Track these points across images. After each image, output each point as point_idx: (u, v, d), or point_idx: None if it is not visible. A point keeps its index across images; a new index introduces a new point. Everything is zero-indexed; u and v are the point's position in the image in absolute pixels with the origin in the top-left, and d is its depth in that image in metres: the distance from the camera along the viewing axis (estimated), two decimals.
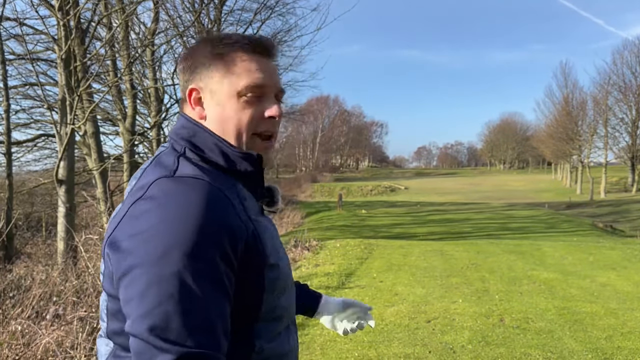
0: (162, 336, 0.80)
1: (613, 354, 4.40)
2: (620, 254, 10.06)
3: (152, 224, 0.86)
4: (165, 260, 0.83)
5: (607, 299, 6.36)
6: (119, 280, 0.88)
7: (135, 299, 0.84)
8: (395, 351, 4.47)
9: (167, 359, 0.80)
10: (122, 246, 0.87)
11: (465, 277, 7.71)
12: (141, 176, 0.98)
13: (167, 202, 0.88)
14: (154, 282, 0.82)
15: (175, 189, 0.89)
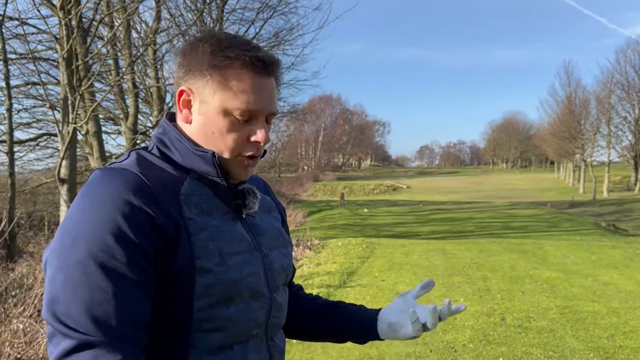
0: (64, 322, 0.80)
1: (615, 353, 4.39)
2: (622, 253, 10.03)
3: (70, 214, 0.87)
4: (73, 248, 0.83)
5: (609, 298, 6.34)
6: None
7: (46, 285, 0.85)
8: (396, 350, 4.46)
9: (69, 344, 0.80)
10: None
11: (467, 276, 7.69)
12: None
13: (86, 192, 0.88)
14: (60, 269, 0.83)
15: (99, 180, 0.89)
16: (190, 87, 0.97)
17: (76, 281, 0.82)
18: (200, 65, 0.95)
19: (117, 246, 0.83)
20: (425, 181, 65.13)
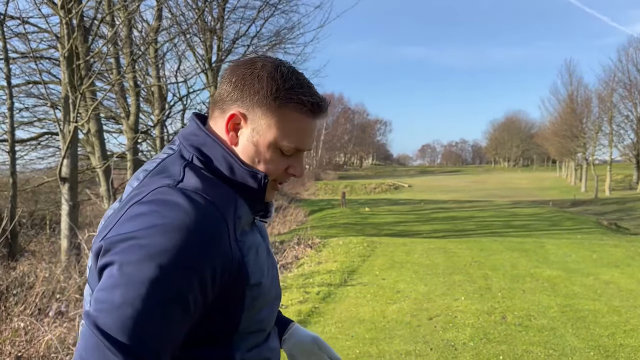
0: (112, 337, 0.79)
1: (615, 351, 4.38)
2: (624, 251, 10.01)
3: (142, 228, 0.85)
4: (142, 265, 0.82)
5: (610, 297, 6.33)
6: (99, 272, 0.88)
7: (103, 292, 0.83)
8: (396, 348, 4.46)
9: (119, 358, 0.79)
10: (113, 243, 0.87)
11: (468, 275, 7.69)
12: (144, 179, 0.98)
13: (162, 211, 0.87)
14: (123, 283, 0.82)
15: (175, 201, 0.89)
16: (245, 113, 1.00)
17: (136, 300, 0.81)
18: (260, 97, 0.97)
19: (187, 278, 0.85)
20: (426, 180, 65.09)
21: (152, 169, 0.99)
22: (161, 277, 0.82)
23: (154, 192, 0.91)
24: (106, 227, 0.92)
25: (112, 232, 0.88)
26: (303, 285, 7.12)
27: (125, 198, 0.96)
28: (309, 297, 6.36)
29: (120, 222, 0.89)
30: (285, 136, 0.99)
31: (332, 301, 6.21)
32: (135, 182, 0.99)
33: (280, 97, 0.97)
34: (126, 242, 0.85)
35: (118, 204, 0.99)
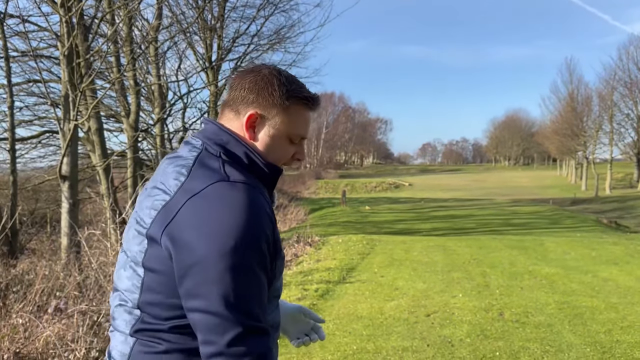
0: (233, 314, 0.98)
1: (612, 347, 4.40)
2: (623, 249, 10.03)
3: (220, 222, 1.01)
4: (235, 253, 1.00)
5: (608, 294, 6.35)
6: (189, 267, 1.01)
7: (209, 284, 0.99)
8: (393, 344, 4.48)
9: (237, 331, 0.98)
10: (186, 238, 1.02)
11: (466, 272, 7.71)
12: (190, 174, 1.10)
13: (230, 204, 1.03)
14: (226, 270, 0.99)
15: (236, 194, 1.05)
16: (261, 113, 1.18)
17: (243, 280, 1.00)
18: (273, 98, 1.17)
19: (263, 250, 1.05)
20: (427, 179, 65.10)
21: (191, 165, 1.11)
22: (250, 257, 1.02)
23: (212, 187, 1.05)
24: (165, 217, 1.05)
25: (180, 225, 1.03)
26: (302, 282, 7.15)
27: (176, 190, 1.08)
28: (307, 294, 6.38)
29: (184, 216, 1.03)
30: (296, 128, 1.20)
31: (330, 298, 6.23)
32: (182, 174, 1.10)
33: (291, 97, 1.17)
34: (209, 238, 1.00)
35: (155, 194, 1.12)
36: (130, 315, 1.12)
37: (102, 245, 7.91)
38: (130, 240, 1.13)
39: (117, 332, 1.14)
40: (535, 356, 4.17)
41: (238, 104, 1.18)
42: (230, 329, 0.98)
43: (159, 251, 1.05)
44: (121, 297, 1.14)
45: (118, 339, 1.14)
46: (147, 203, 1.11)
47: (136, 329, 1.10)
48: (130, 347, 1.10)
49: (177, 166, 1.12)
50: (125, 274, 1.14)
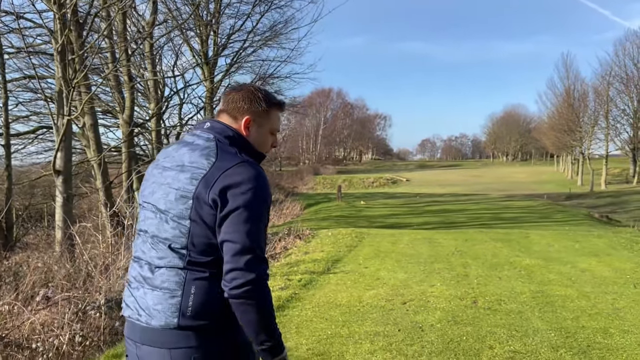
0: (250, 245, 1.49)
1: (576, 332, 4.58)
2: (606, 242, 10.21)
3: (246, 188, 1.51)
4: (255, 207, 1.52)
5: (583, 283, 6.53)
6: (227, 215, 1.50)
7: (238, 225, 1.49)
8: (366, 329, 4.67)
9: (251, 256, 1.48)
10: (224, 197, 1.50)
11: (448, 263, 7.90)
12: (218, 156, 1.59)
13: (251, 177, 1.54)
14: (249, 217, 1.50)
15: (253, 170, 1.56)
16: (252, 117, 1.73)
17: (261, 227, 1.54)
18: (259, 106, 1.74)
19: (269, 209, 1.62)
20: (425, 174, 65.24)
21: (216, 151, 1.60)
22: (266, 211, 1.57)
23: (238, 165, 1.55)
24: (207, 184, 1.53)
25: (224, 183, 1.52)
26: (287, 273, 7.33)
27: (210, 167, 1.56)
28: (291, 284, 6.56)
29: (226, 179, 1.52)
30: (273, 125, 1.78)
31: (312, 288, 6.42)
32: (210, 156, 1.59)
33: (269, 105, 1.75)
34: (249, 194, 1.51)
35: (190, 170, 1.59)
36: (180, 255, 1.55)
37: (93, 239, 8.10)
38: (172, 202, 1.57)
39: (164, 270, 1.56)
40: (501, 340, 4.36)
41: (235, 112, 1.73)
42: (246, 254, 1.47)
43: (202, 207, 1.53)
44: (169, 246, 1.57)
45: (167, 278, 1.55)
46: (184, 176, 1.58)
47: (188, 263, 1.55)
48: (184, 276, 1.54)
49: (204, 151, 1.60)
50: (168, 226, 1.58)
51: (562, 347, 4.18)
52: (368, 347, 4.20)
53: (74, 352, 4.64)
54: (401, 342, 4.33)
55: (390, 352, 4.10)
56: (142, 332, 1.57)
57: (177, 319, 1.52)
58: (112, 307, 5.39)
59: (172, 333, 1.53)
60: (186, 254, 1.54)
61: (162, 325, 1.53)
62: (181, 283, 1.54)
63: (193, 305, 1.52)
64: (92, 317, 5.11)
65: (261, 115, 1.74)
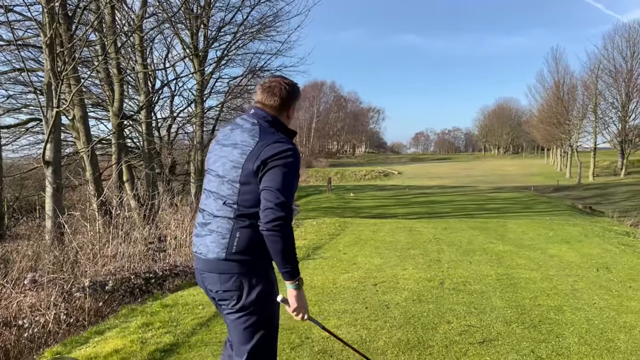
0: (283, 193, 2.02)
1: (531, 309, 4.90)
2: (580, 230, 10.57)
3: (291, 157, 2.10)
4: (290, 169, 2.08)
5: (549, 268, 6.86)
6: (269, 173, 2.07)
7: (277, 177, 2.05)
8: (336, 308, 4.97)
9: (282, 200, 2.00)
10: (268, 163, 2.07)
11: (424, 249, 8.21)
12: (261, 135, 2.18)
13: (290, 148, 2.12)
14: (285, 175, 2.06)
15: (290, 144, 2.15)
16: (293, 106, 2.36)
17: (292, 183, 2.09)
18: (295, 99, 2.36)
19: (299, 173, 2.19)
20: (417, 167, 65.63)
21: (259, 132, 2.20)
22: (295, 171, 2.10)
23: (277, 141, 2.13)
24: (253, 156, 2.12)
25: (266, 155, 2.09)
26: None
27: (255, 144, 2.16)
28: None
29: (267, 151, 2.09)
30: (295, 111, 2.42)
31: None
32: (255, 136, 2.19)
33: (299, 98, 2.40)
34: (286, 160, 2.08)
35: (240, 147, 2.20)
36: (232, 208, 2.16)
37: (84, 228, 8.37)
38: (228, 170, 2.19)
39: (219, 218, 2.20)
40: (459, 316, 4.68)
41: (274, 104, 2.30)
42: (279, 199, 2.01)
43: (250, 174, 2.11)
44: (224, 202, 2.19)
45: (221, 224, 2.19)
46: (236, 151, 2.18)
47: (236, 215, 2.15)
48: (232, 225, 2.16)
49: (250, 132, 2.20)
50: (224, 187, 2.20)
51: (514, 322, 4.50)
52: (335, 322, 4.51)
53: (60, 330, 4.92)
54: (366, 318, 4.63)
55: (354, 326, 4.40)
56: (204, 262, 2.24)
57: (224, 253, 2.16)
58: (96, 289, 5.66)
59: (222, 263, 2.17)
60: (236, 209, 2.14)
61: (215, 258, 2.18)
62: (230, 229, 2.16)
63: (237, 245, 2.14)
64: (77, 298, 5.39)
65: (296, 105, 2.41)
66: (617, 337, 4.16)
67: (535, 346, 3.92)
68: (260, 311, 2.22)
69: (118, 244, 7.44)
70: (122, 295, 5.99)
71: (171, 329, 4.43)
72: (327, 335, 4.12)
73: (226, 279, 2.19)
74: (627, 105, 45.14)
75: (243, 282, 2.18)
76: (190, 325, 4.52)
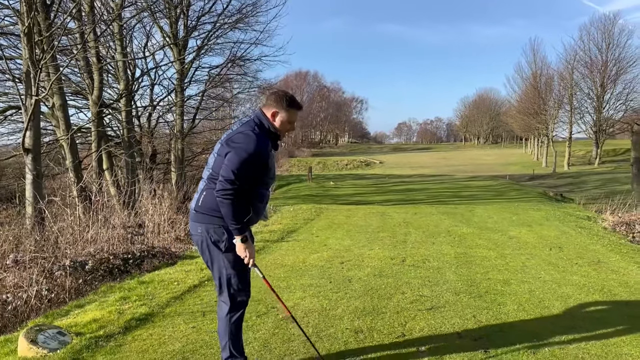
0: (233, 172, 2.68)
1: (480, 282, 5.35)
2: (543, 214, 11.11)
3: (244, 145, 2.73)
4: (245, 157, 2.71)
5: (506, 247, 7.34)
6: (228, 153, 2.75)
7: (233, 160, 2.71)
8: (302, 282, 5.36)
9: (230, 177, 2.67)
10: (231, 145, 2.76)
11: (392, 232, 8.65)
12: (241, 127, 2.86)
13: (249, 140, 2.75)
14: (239, 161, 2.70)
15: (253, 137, 2.76)
16: (276, 111, 2.92)
17: (240, 167, 2.71)
18: (280, 105, 2.92)
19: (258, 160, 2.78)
20: (398, 157, 66.30)
21: (244, 125, 2.86)
22: (247, 158, 2.71)
23: (244, 132, 2.79)
24: (229, 137, 2.83)
25: (233, 139, 2.78)
26: None
27: (235, 130, 2.86)
28: None
29: (235, 139, 2.78)
30: (290, 117, 2.93)
31: (263, 253, 7.08)
32: (238, 128, 2.87)
33: (288, 105, 2.92)
34: (238, 146, 2.74)
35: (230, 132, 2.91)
36: (209, 172, 2.88)
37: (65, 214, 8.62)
38: (218, 147, 2.86)
39: (202, 180, 2.92)
40: (413, 288, 5.10)
41: (269, 106, 2.91)
42: (228, 176, 2.66)
43: (223, 149, 2.78)
44: (207, 168, 2.90)
45: (200, 186, 2.92)
46: (226, 134, 2.90)
47: (208, 178, 2.86)
48: (204, 185, 2.88)
49: (239, 124, 2.91)
50: (213, 158, 2.89)
51: (463, 293, 4.94)
52: (300, 295, 4.90)
53: (42, 306, 5.23)
54: (329, 290, 5.03)
55: (317, 297, 4.80)
56: (190, 213, 3.00)
57: (194, 206, 2.92)
58: (77, 268, 5.97)
59: (194, 214, 2.92)
60: (210, 173, 2.86)
61: (192, 209, 2.94)
62: (202, 188, 2.90)
63: (202, 201, 2.87)
64: (58, 277, 5.69)
65: (283, 110, 2.92)
66: (553, 304, 4.61)
67: (477, 312, 4.35)
68: (219, 254, 2.90)
69: (98, 228, 7.73)
70: (101, 275, 6.30)
71: (147, 301, 4.78)
72: (290, 306, 4.51)
73: (195, 227, 2.92)
74: (601, 96, 46.23)
75: (206, 232, 2.86)
76: (165, 299, 4.87)
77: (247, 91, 23.35)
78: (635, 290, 5.13)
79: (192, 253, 7.42)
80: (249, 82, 22.03)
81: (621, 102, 46.76)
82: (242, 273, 2.98)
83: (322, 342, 3.67)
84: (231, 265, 2.91)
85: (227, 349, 3.05)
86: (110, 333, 3.92)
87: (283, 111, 2.89)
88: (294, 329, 3.92)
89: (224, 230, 2.84)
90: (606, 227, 9.56)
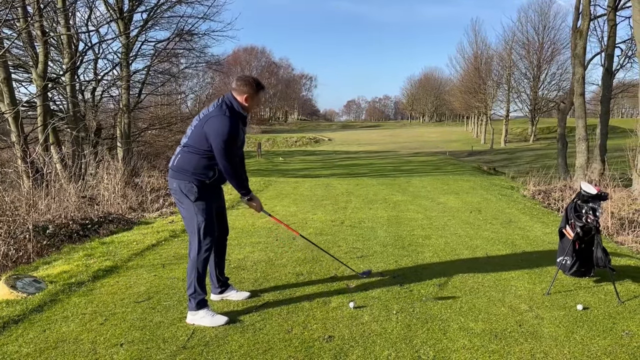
0: (220, 145, 3.39)
1: (405, 237, 6.21)
2: (471, 184, 12.24)
3: (218, 124, 3.41)
4: (222, 134, 3.40)
5: (432, 211, 8.28)
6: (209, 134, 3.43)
7: (215, 137, 3.40)
8: (252, 240, 6.05)
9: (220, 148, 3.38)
10: (208, 124, 3.43)
11: (335, 200, 9.44)
12: (214, 109, 3.47)
13: (222, 122, 3.40)
14: (217, 137, 3.40)
15: (225, 118, 3.41)
16: (248, 95, 3.55)
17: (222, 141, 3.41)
18: (251, 89, 3.55)
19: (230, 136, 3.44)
20: (347, 134, 67.52)
21: (217, 107, 3.47)
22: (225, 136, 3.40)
23: (217, 114, 3.43)
24: (206, 116, 3.48)
25: (208, 122, 3.43)
26: None
27: (210, 111, 3.50)
28: None
29: (210, 119, 3.44)
30: (258, 99, 3.63)
31: None
32: (211, 109, 3.53)
33: (258, 89, 3.57)
34: (213, 127, 3.41)
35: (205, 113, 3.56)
36: (186, 139, 3.53)
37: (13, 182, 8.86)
38: (195, 122, 3.54)
39: (180, 147, 3.57)
40: (348, 242, 5.90)
41: (238, 90, 3.49)
42: (222, 161, 3.40)
43: (200, 129, 3.44)
44: (186, 139, 3.52)
45: (177, 149, 3.61)
46: (201, 115, 3.53)
47: (184, 144, 3.54)
48: (180, 149, 3.56)
49: (212, 106, 3.51)
50: (190, 132, 3.54)
51: (389, 245, 5.78)
52: (249, 250, 5.59)
53: (8, 264, 5.66)
54: (275, 246, 5.75)
55: (265, 251, 5.50)
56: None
57: (170, 165, 3.56)
58: (38, 232, 6.39)
59: (171, 172, 3.54)
60: (186, 141, 3.48)
61: (170, 167, 3.57)
62: (179, 151, 3.53)
63: (177, 162, 3.51)
64: (22, 239, 6.11)
65: (253, 93, 3.51)
66: (462, 252, 5.53)
67: (399, 259, 5.19)
68: (190, 204, 3.53)
69: (51, 197, 8.07)
70: (61, 240, 6.71)
71: (110, 257, 5.32)
72: (240, 258, 5.19)
73: (171, 182, 3.58)
74: (537, 76, 48.86)
75: (179, 186, 3.51)
76: (126, 255, 5.43)
77: (194, 66, 23.43)
78: (532, 242, 6.14)
79: (147, 220, 7.93)
80: (196, 57, 22.13)
81: (555, 82, 49.65)
82: (209, 220, 3.55)
83: (268, 283, 4.39)
84: (200, 212, 3.50)
85: (193, 286, 3.56)
86: (81, 281, 4.47)
87: (254, 94, 3.50)
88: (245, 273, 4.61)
89: (193, 185, 3.47)
90: (525, 195, 10.75)
